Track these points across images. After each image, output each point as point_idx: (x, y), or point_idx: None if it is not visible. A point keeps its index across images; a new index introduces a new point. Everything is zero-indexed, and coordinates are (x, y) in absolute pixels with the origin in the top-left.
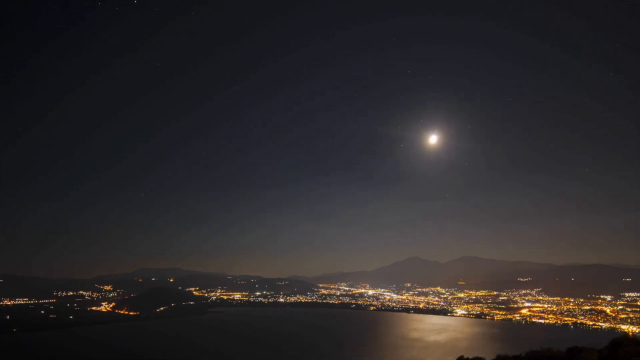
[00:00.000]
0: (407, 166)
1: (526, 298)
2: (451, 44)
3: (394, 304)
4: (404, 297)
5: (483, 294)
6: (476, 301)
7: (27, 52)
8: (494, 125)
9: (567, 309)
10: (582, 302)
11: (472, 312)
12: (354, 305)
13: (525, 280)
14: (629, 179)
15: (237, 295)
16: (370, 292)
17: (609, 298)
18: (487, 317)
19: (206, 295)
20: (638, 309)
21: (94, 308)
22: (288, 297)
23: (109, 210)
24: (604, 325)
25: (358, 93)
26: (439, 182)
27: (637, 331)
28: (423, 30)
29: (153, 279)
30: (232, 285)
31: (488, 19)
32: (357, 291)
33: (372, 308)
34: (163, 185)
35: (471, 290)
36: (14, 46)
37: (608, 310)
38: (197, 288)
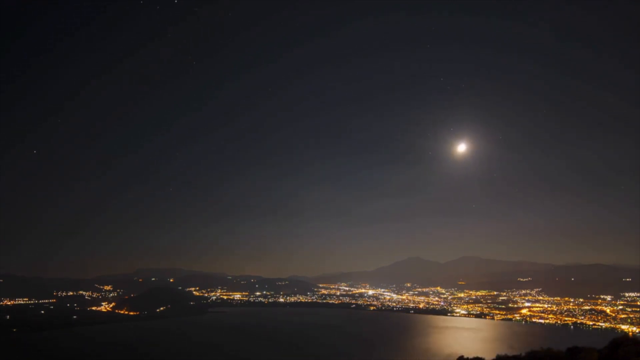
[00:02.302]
0: (425, 171)
1: (526, 298)
2: (487, 52)
3: (394, 304)
4: (404, 297)
5: (483, 294)
6: (476, 301)
7: (38, 49)
8: (527, 136)
9: (567, 309)
10: (582, 302)
11: (472, 312)
12: (354, 306)
13: (525, 280)
14: (630, 179)
15: (237, 295)
16: (370, 292)
17: (609, 298)
18: (487, 317)
19: (206, 295)
20: (638, 309)
21: (94, 308)
22: (288, 297)
23: (109, 210)
24: (604, 325)
25: (388, 96)
26: (463, 190)
27: (637, 331)
28: (458, 37)
29: (153, 279)
30: (232, 285)
31: (528, 26)
32: (357, 291)
33: (372, 308)
34: (164, 186)
35: (471, 290)
36: (25, 43)
37: (608, 310)
38: (197, 288)
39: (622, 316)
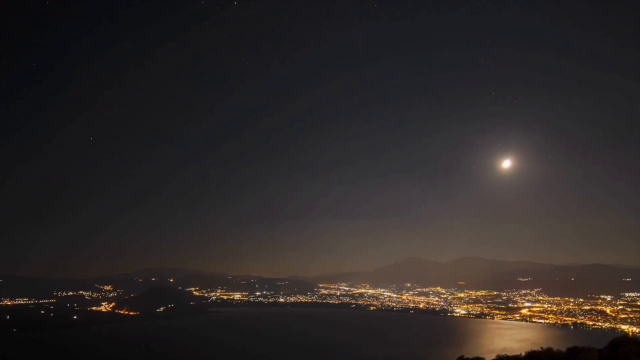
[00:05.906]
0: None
1: (526, 298)
2: (539, 71)
3: (394, 304)
4: (404, 297)
5: (483, 294)
6: (476, 301)
7: (67, 50)
8: (579, 156)
9: (567, 309)
10: (582, 302)
11: (472, 312)
12: (354, 305)
13: (525, 280)
14: (630, 180)
15: (237, 295)
16: (370, 292)
17: (609, 298)
18: (487, 317)
19: (206, 295)
20: (638, 309)
21: (94, 308)
22: (288, 297)
23: (109, 210)
24: (604, 325)
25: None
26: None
27: (637, 331)
28: (511, 54)
29: (153, 279)
30: (232, 285)
31: (591, 43)
32: (357, 291)
33: (372, 308)
34: (164, 188)
35: (471, 290)
36: (77, 26)
37: (608, 310)
38: (197, 288)
39: (622, 316)
